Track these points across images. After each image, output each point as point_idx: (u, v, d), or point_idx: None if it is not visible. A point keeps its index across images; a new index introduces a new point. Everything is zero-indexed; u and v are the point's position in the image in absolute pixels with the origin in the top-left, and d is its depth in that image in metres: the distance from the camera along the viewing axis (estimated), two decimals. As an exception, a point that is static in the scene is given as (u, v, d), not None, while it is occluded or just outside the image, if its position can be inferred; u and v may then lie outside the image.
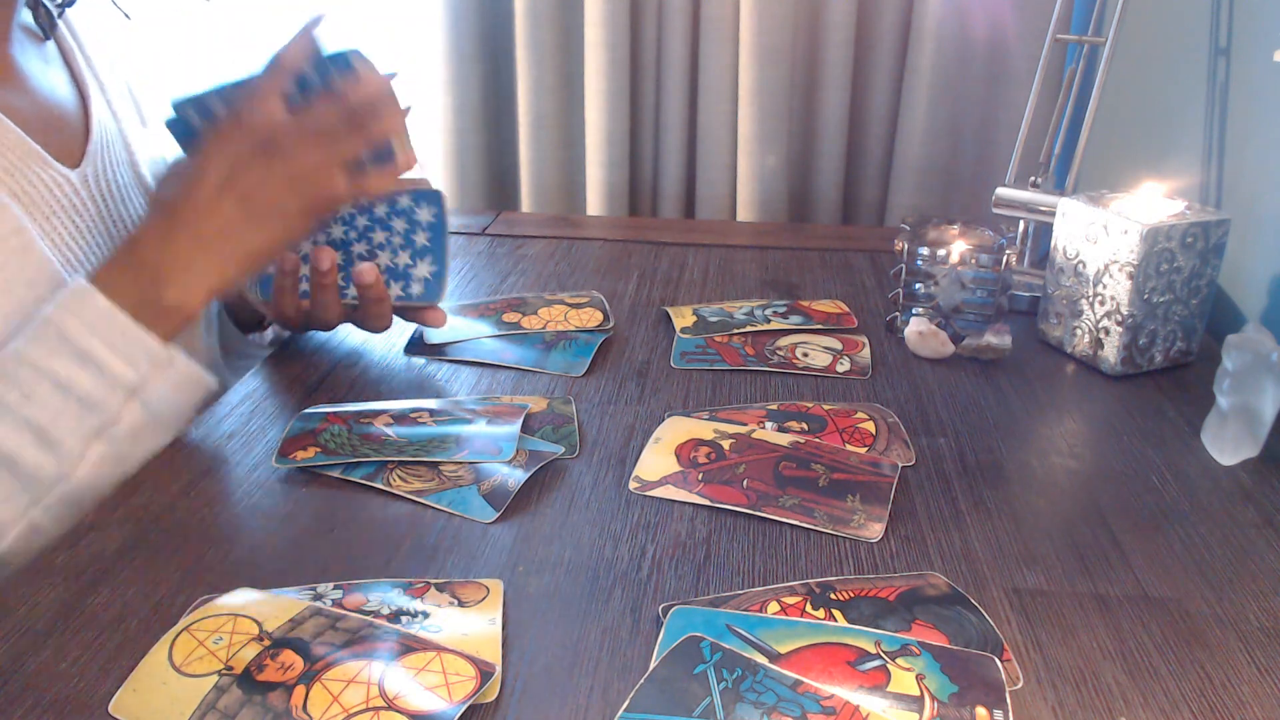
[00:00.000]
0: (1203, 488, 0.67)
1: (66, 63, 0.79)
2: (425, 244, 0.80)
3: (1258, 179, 0.90)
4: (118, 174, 0.78)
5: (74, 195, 0.72)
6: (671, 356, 0.85)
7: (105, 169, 0.76)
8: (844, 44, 1.31)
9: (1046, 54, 0.98)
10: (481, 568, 0.57)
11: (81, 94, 0.78)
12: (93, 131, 0.76)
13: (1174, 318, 0.81)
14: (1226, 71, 0.96)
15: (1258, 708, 0.48)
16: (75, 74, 0.79)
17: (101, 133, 0.77)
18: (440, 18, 1.35)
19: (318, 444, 0.68)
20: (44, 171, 0.70)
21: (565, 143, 1.41)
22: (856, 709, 0.46)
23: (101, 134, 0.77)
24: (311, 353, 0.85)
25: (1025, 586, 0.56)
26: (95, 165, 0.75)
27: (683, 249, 1.13)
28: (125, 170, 0.79)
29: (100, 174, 0.76)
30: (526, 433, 0.71)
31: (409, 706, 0.45)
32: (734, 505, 0.63)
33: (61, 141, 0.73)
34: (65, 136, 0.74)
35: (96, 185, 0.75)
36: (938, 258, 0.86)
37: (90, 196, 0.74)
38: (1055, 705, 0.48)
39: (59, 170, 0.71)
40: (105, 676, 0.48)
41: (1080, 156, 0.95)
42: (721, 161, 1.37)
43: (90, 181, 0.74)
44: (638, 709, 0.46)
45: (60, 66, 0.78)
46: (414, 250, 0.80)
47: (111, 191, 0.77)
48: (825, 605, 0.53)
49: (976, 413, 0.76)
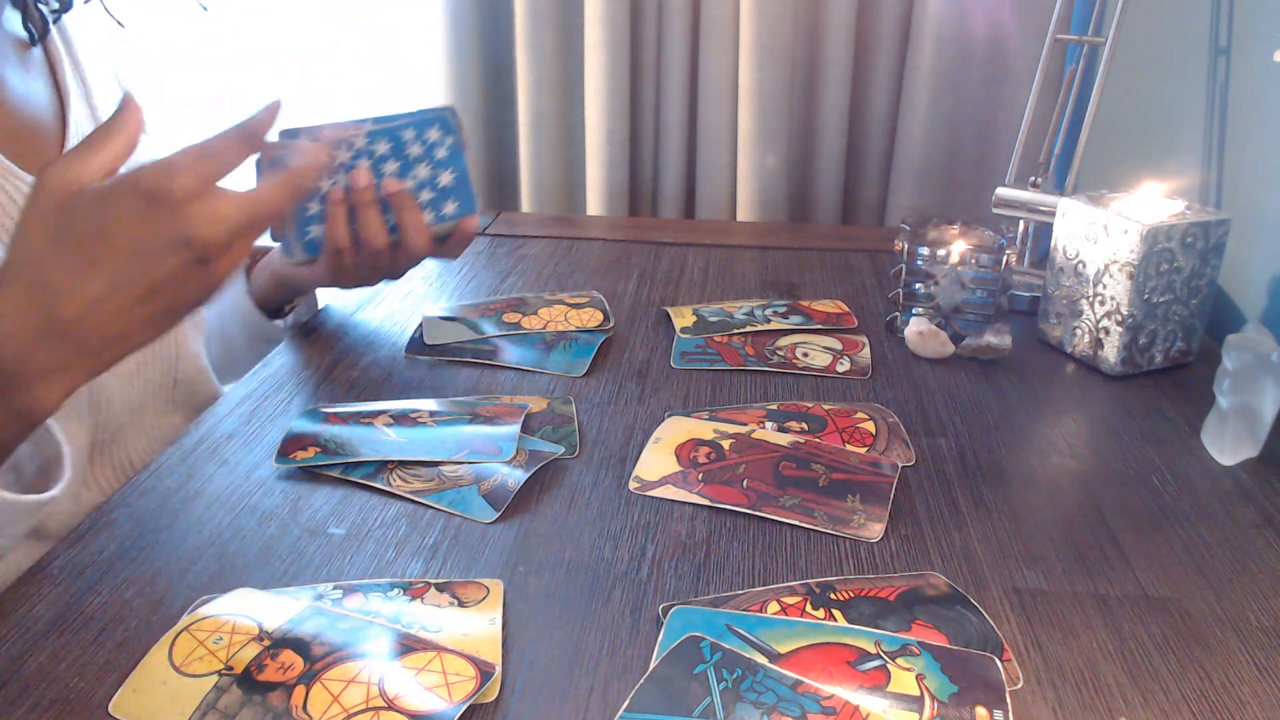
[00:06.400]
0: (1203, 488, 0.67)
1: (52, 70, 0.78)
2: (443, 158, 0.83)
3: (1258, 179, 0.90)
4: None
5: None
6: (671, 356, 0.85)
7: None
8: (844, 44, 1.31)
9: (1046, 54, 0.98)
10: (481, 568, 0.57)
11: (62, 102, 0.77)
12: (69, 141, 0.75)
13: (1174, 318, 0.81)
14: (1226, 71, 0.96)
15: (1258, 708, 0.48)
16: (58, 82, 0.77)
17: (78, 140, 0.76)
18: (440, 18, 1.35)
19: (318, 444, 0.68)
20: (7, 182, 0.69)
21: (565, 143, 1.41)
22: (856, 709, 0.46)
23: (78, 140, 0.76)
24: (312, 353, 0.85)
25: (1025, 586, 0.56)
26: None
27: (683, 249, 1.13)
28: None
29: None
30: (526, 433, 0.71)
31: (409, 706, 0.45)
32: (734, 505, 0.63)
33: (34, 151, 0.72)
34: (38, 144, 0.73)
35: None
36: (938, 258, 0.86)
37: None
38: (1055, 705, 0.48)
39: (25, 179, 0.70)
40: (105, 676, 0.48)
41: (1080, 156, 0.95)
42: (721, 161, 1.37)
43: None
44: (638, 709, 0.46)
45: (43, 74, 0.77)
46: (435, 165, 0.83)
47: None
48: (825, 605, 0.53)
49: (976, 413, 0.76)
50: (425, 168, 0.82)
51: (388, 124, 0.81)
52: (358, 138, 0.81)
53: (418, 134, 0.82)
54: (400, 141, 0.81)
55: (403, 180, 0.81)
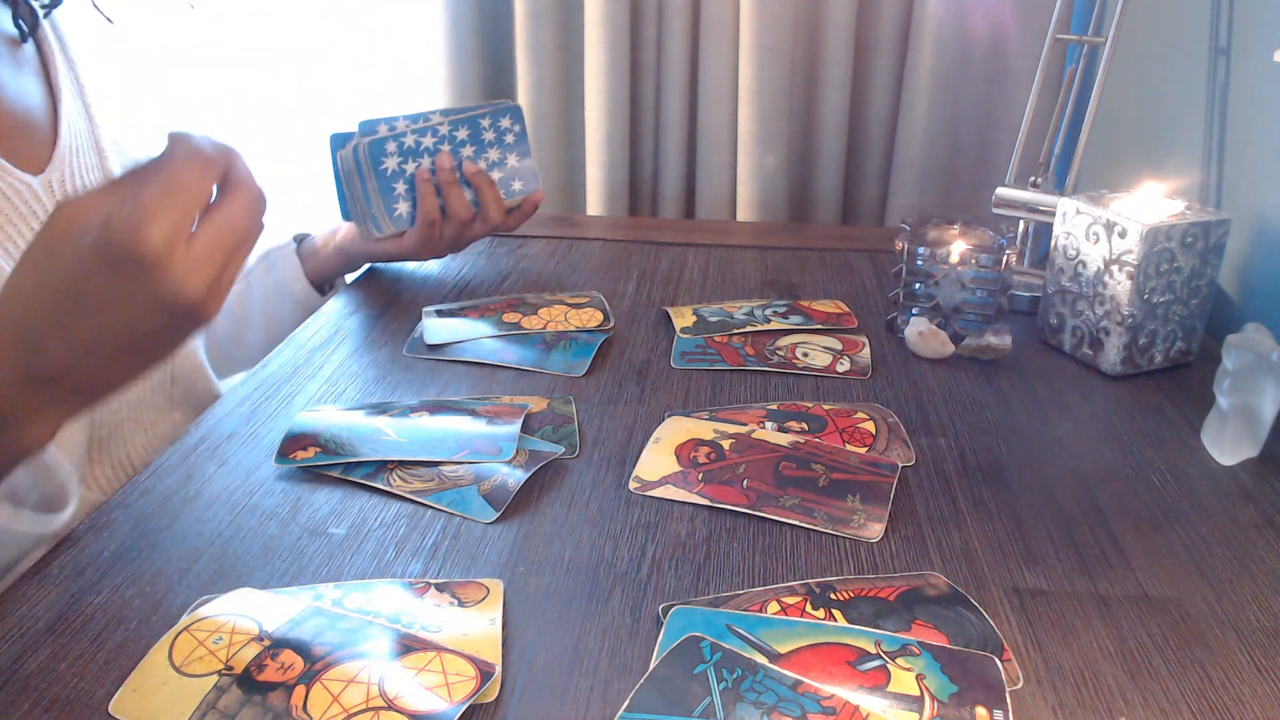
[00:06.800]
0: (1203, 488, 0.67)
1: (44, 68, 0.78)
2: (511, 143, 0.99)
3: (1258, 179, 0.90)
4: (86, 179, 0.76)
5: (34, 202, 0.71)
6: (671, 356, 0.85)
7: (73, 175, 0.75)
8: (844, 44, 1.31)
9: (1046, 54, 0.98)
10: (481, 568, 0.57)
11: (54, 98, 0.77)
12: (60, 137, 0.75)
13: (1174, 318, 0.81)
14: (1226, 71, 0.96)
15: (1258, 708, 0.48)
16: (51, 79, 0.77)
17: (71, 138, 0.76)
18: (440, 18, 1.35)
19: (318, 444, 0.68)
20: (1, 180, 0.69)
21: (565, 143, 1.41)
22: (856, 709, 0.46)
23: (71, 140, 0.76)
24: (312, 352, 0.85)
25: (1025, 586, 0.56)
26: (62, 171, 0.74)
27: (683, 249, 1.13)
28: (97, 176, 0.78)
29: (68, 180, 0.74)
30: (526, 433, 0.71)
31: (409, 706, 0.45)
32: (734, 505, 0.63)
33: (25, 147, 0.72)
34: (30, 142, 0.73)
35: (61, 190, 0.73)
36: (938, 258, 0.86)
37: (54, 202, 0.72)
38: (1055, 705, 0.48)
39: (18, 176, 0.70)
40: (105, 676, 0.48)
41: (1080, 156, 0.95)
42: (721, 161, 1.37)
43: (55, 188, 0.73)
44: (638, 709, 0.46)
45: (35, 70, 0.77)
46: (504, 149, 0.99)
47: None
48: (825, 605, 0.53)
49: (976, 413, 0.76)
50: (497, 151, 0.98)
51: (463, 114, 0.97)
52: (441, 125, 0.96)
53: (492, 122, 0.98)
54: (478, 128, 0.97)
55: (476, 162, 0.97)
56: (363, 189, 0.96)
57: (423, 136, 0.96)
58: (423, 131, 0.95)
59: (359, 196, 0.96)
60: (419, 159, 0.96)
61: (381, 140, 0.95)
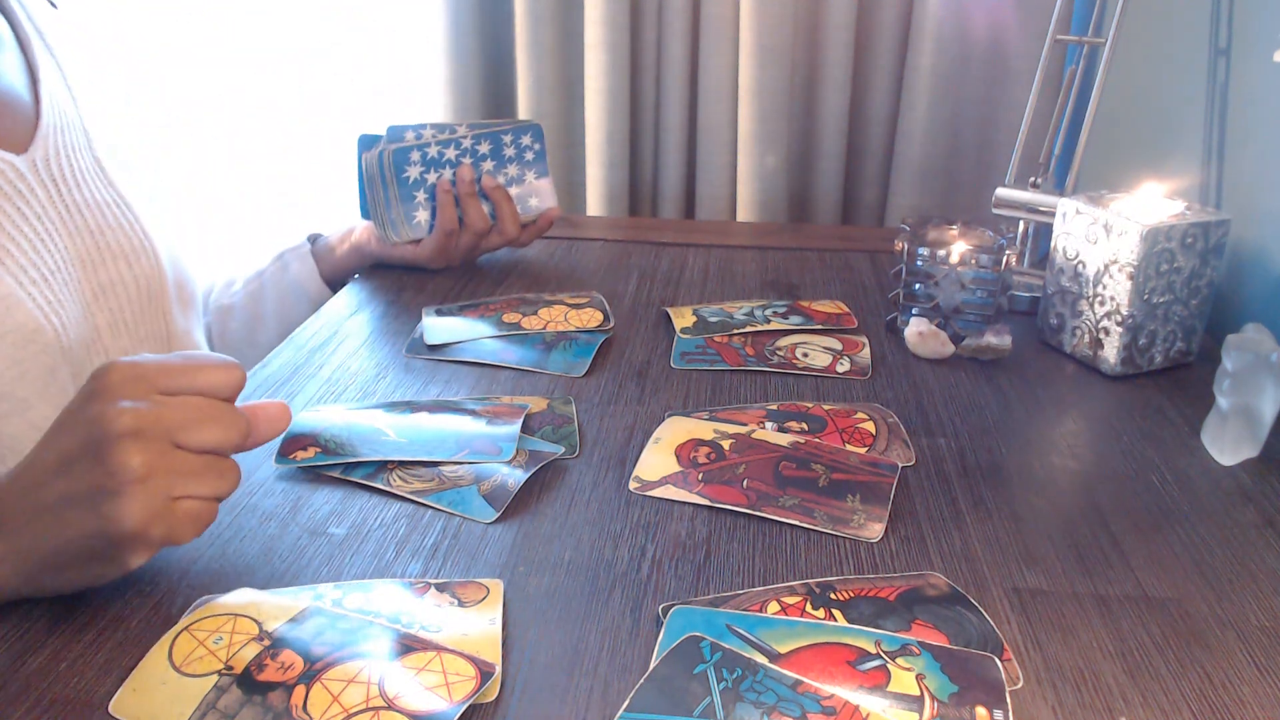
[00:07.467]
0: (1203, 488, 0.67)
1: (21, 47, 0.78)
2: (530, 160, 1.01)
3: (1258, 179, 0.90)
4: (73, 159, 0.77)
5: (19, 181, 0.72)
6: (671, 357, 0.85)
7: (58, 154, 0.76)
8: (844, 44, 1.31)
9: (1046, 54, 0.98)
10: (481, 568, 0.57)
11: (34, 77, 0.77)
12: (43, 115, 0.75)
13: (1174, 318, 0.81)
14: (1226, 71, 0.96)
15: (1258, 708, 0.48)
16: (29, 59, 0.78)
17: (55, 117, 0.76)
18: (440, 18, 1.35)
19: (318, 444, 0.68)
20: None
21: (565, 143, 1.41)
22: (856, 709, 0.46)
23: (54, 118, 0.76)
24: (312, 353, 0.85)
25: (1025, 586, 0.56)
26: (45, 150, 0.74)
27: (683, 249, 1.13)
28: (83, 155, 0.78)
29: (52, 159, 0.75)
30: (526, 433, 0.71)
31: (409, 706, 0.45)
32: (734, 505, 0.63)
33: (6, 125, 0.73)
34: (13, 121, 0.74)
35: (47, 170, 0.74)
36: (938, 258, 0.86)
37: (40, 181, 0.73)
38: (1055, 705, 0.48)
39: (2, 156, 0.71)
40: (105, 676, 0.48)
41: (1080, 156, 0.95)
42: (721, 161, 1.36)
43: (39, 166, 0.74)
44: (638, 709, 0.46)
45: (14, 51, 0.77)
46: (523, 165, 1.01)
47: (65, 177, 0.76)
48: (825, 605, 0.53)
49: (976, 413, 0.76)
50: (516, 167, 1.00)
51: (486, 128, 0.99)
52: (465, 138, 0.98)
53: (514, 139, 1.00)
54: (500, 143, 0.99)
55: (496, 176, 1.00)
56: (384, 194, 0.97)
57: (446, 148, 0.98)
58: (446, 143, 0.97)
59: (379, 201, 0.98)
60: (440, 170, 0.98)
61: (406, 149, 0.96)
